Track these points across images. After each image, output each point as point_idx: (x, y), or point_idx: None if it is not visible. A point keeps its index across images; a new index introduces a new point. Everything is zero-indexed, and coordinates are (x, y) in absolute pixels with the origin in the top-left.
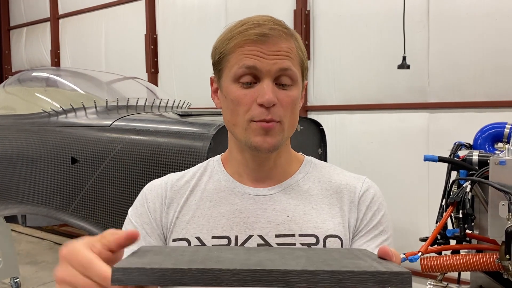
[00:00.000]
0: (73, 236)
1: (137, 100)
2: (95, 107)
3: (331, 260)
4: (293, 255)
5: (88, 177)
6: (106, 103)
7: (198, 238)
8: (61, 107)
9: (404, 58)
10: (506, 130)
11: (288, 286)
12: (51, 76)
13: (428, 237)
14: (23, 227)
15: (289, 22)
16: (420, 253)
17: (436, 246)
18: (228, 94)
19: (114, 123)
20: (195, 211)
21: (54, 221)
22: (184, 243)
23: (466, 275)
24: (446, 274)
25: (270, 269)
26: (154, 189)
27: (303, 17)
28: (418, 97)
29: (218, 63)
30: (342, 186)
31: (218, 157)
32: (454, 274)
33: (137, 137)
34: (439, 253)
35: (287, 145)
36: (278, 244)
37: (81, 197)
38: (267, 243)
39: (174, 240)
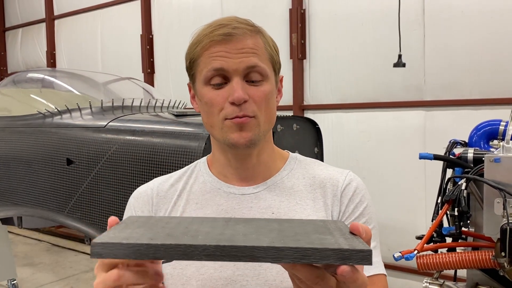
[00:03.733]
0: (70, 237)
1: (133, 101)
2: (90, 108)
3: (301, 235)
4: (268, 228)
5: (84, 178)
6: (101, 104)
7: None
8: (56, 108)
9: (399, 56)
10: (501, 128)
11: (254, 261)
12: (46, 77)
13: (424, 235)
14: (20, 229)
15: (284, 21)
16: (416, 251)
17: (432, 244)
18: (202, 97)
19: (109, 123)
20: (182, 214)
21: (50, 223)
22: None
23: (462, 273)
24: (442, 272)
25: (237, 245)
26: (140, 197)
27: (298, 16)
28: (414, 95)
29: (190, 68)
30: (325, 180)
31: (204, 158)
32: (450, 272)
33: (133, 137)
34: (435, 251)
35: (268, 142)
36: None
37: (77, 198)
38: None
39: None
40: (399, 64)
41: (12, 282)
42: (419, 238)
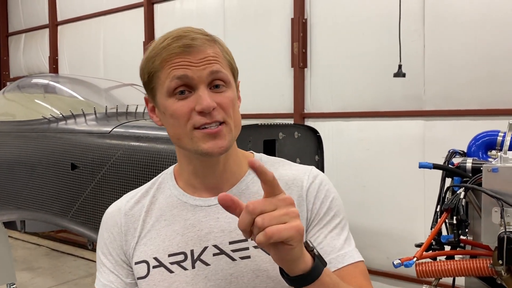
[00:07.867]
0: (69, 242)
1: (137, 107)
2: (95, 114)
3: None
4: None
5: (88, 183)
6: (106, 110)
7: (155, 259)
8: (61, 114)
9: (400, 66)
10: (499, 138)
11: None
12: (51, 82)
13: (423, 243)
14: (19, 233)
15: (286, 30)
16: (415, 259)
17: (431, 251)
18: (166, 109)
19: (114, 129)
20: (152, 233)
21: (53, 227)
22: (144, 265)
23: (460, 281)
24: (440, 280)
25: None
26: (110, 218)
27: (300, 25)
28: (414, 105)
29: (149, 82)
30: (289, 182)
31: (171, 169)
32: (449, 280)
33: (137, 143)
34: (434, 258)
35: (234, 147)
36: (233, 251)
37: (81, 203)
38: (222, 251)
39: (135, 263)
40: (399, 74)
41: (12, 287)
42: (418, 246)
